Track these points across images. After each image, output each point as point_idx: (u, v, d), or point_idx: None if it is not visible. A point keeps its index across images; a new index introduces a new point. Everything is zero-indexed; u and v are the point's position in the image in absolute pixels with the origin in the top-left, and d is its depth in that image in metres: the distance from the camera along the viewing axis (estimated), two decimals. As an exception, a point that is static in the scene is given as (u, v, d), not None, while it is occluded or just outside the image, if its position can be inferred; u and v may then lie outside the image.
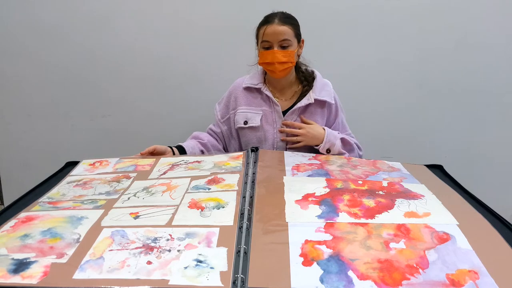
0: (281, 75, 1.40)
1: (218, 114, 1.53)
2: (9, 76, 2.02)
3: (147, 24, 1.95)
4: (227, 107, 1.52)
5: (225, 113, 1.52)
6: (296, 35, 1.37)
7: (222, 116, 1.52)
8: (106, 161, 1.31)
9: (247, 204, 0.94)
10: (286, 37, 1.33)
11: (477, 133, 2.07)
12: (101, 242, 0.80)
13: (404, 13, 1.92)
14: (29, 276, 0.70)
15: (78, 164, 1.31)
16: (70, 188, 1.12)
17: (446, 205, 0.94)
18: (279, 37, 1.33)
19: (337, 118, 1.48)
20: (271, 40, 1.34)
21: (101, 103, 2.06)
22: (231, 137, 1.54)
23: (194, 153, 1.44)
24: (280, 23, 1.34)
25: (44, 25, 1.95)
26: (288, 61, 1.35)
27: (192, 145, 1.45)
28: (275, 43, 1.34)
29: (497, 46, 1.94)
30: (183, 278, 0.69)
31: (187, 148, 1.42)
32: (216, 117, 1.54)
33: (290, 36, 1.34)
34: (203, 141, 1.48)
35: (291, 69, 1.42)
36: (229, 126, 1.52)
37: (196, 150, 1.45)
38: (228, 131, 1.53)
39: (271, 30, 1.33)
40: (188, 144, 1.44)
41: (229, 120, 1.51)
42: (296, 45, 1.38)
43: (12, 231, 0.86)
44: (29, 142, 2.11)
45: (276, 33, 1.33)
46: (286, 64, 1.36)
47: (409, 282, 0.68)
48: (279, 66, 1.35)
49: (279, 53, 1.34)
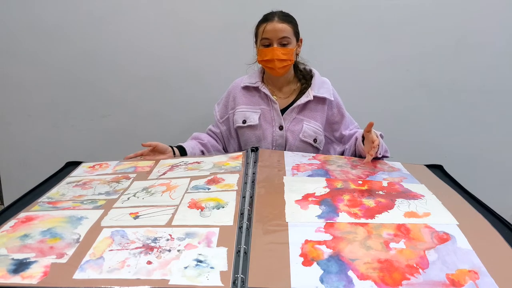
0: (280, 73, 1.40)
1: (217, 114, 1.54)
2: (9, 76, 2.02)
3: (147, 24, 1.95)
4: (225, 107, 1.52)
5: (224, 113, 1.52)
6: (295, 34, 1.38)
7: (221, 117, 1.53)
8: (106, 164, 1.31)
9: (247, 204, 0.94)
10: (285, 35, 1.34)
11: (477, 133, 2.07)
12: (101, 242, 0.80)
13: (404, 13, 1.92)
14: (29, 276, 0.70)
15: (78, 167, 1.31)
16: (70, 188, 1.12)
17: (446, 205, 0.94)
18: (278, 34, 1.34)
19: (344, 118, 1.46)
20: (271, 37, 1.35)
21: (101, 103, 2.06)
22: (230, 137, 1.54)
23: (194, 153, 1.44)
24: (279, 21, 1.35)
25: (44, 25, 1.95)
26: (287, 58, 1.36)
27: (193, 145, 1.45)
28: (275, 40, 1.35)
29: (497, 46, 1.94)
30: (183, 278, 0.69)
31: (188, 148, 1.42)
32: (215, 118, 1.54)
33: (289, 34, 1.35)
34: (203, 141, 1.49)
35: (290, 67, 1.42)
36: (228, 126, 1.52)
37: (196, 151, 1.45)
38: (227, 131, 1.53)
39: (271, 27, 1.34)
40: (188, 144, 1.45)
41: (228, 120, 1.52)
42: (295, 43, 1.39)
43: (12, 231, 0.86)
44: (29, 142, 2.11)
45: (276, 30, 1.34)
46: (286, 61, 1.36)
47: (409, 282, 0.68)
48: (278, 63, 1.36)
49: (279, 50, 1.34)
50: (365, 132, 1.24)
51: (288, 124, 1.43)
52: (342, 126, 1.46)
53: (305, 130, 1.41)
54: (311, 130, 1.42)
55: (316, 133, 1.43)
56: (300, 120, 1.43)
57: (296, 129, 1.42)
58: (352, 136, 1.43)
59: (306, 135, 1.41)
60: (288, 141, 1.43)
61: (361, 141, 1.30)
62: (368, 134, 1.23)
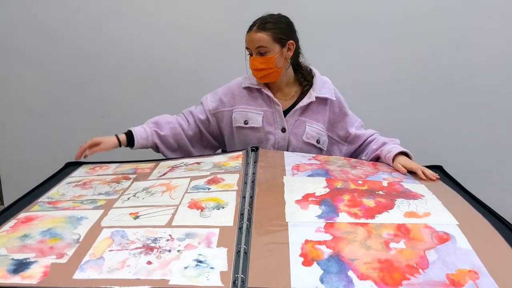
0: (263, 81, 1.41)
1: (210, 104, 1.46)
2: (9, 76, 2.02)
3: (147, 25, 1.95)
4: (222, 102, 1.46)
5: (218, 106, 1.46)
6: (276, 39, 1.34)
7: (214, 108, 1.46)
8: (107, 166, 1.31)
9: (247, 204, 0.94)
10: (261, 44, 1.33)
11: (477, 133, 2.07)
12: (101, 242, 0.80)
13: (404, 13, 1.91)
14: (29, 276, 0.70)
15: (78, 168, 1.30)
16: (70, 188, 1.12)
17: (446, 205, 0.94)
18: (254, 44, 1.34)
19: (347, 117, 1.44)
20: (250, 48, 1.36)
21: (101, 103, 2.06)
22: (219, 131, 1.49)
23: (145, 145, 1.37)
24: (257, 30, 1.33)
25: (44, 25, 1.95)
26: (266, 67, 1.35)
27: (146, 135, 1.37)
28: (253, 50, 1.36)
29: (497, 46, 1.94)
30: (183, 278, 0.69)
31: (137, 136, 1.34)
32: (206, 107, 1.47)
33: (266, 42, 1.33)
34: (162, 133, 1.40)
35: (276, 74, 1.38)
36: (218, 120, 1.47)
37: (148, 142, 1.37)
38: (216, 125, 1.47)
39: (249, 38, 1.36)
40: (140, 131, 1.37)
41: (221, 114, 1.46)
42: (277, 49, 1.35)
43: (12, 231, 0.86)
44: (29, 142, 2.11)
45: (253, 40, 1.34)
46: (266, 70, 1.36)
47: (409, 282, 0.68)
48: (257, 73, 1.37)
49: (256, 60, 1.35)
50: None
51: (291, 126, 1.42)
52: (347, 124, 1.44)
53: (308, 132, 1.40)
54: (313, 131, 1.41)
55: (319, 133, 1.42)
56: (303, 121, 1.42)
57: (299, 131, 1.41)
58: (366, 141, 1.42)
59: (309, 136, 1.41)
60: (291, 143, 1.42)
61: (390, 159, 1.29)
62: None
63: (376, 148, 1.37)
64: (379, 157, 1.34)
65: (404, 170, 1.20)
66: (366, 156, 1.40)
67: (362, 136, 1.43)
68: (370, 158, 1.38)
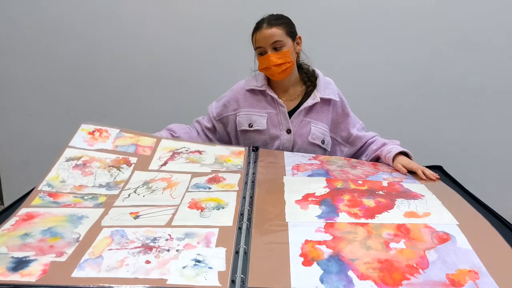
0: (281, 77, 1.39)
1: (214, 111, 1.48)
2: (9, 76, 2.02)
3: (148, 25, 1.95)
4: (225, 107, 1.48)
5: (222, 112, 1.48)
6: (289, 34, 1.36)
7: (218, 115, 1.47)
8: (106, 132, 1.29)
9: (247, 204, 0.94)
10: (276, 39, 1.33)
11: (477, 133, 2.07)
12: (101, 241, 0.80)
13: (404, 13, 1.92)
14: (28, 274, 0.70)
15: (78, 131, 1.28)
16: (70, 170, 1.11)
17: (446, 205, 0.94)
18: (269, 40, 1.33)
19: (349, 118, 1.44)
20: (263, 45, 1.34)
21: (101, 103, 2.06)
22: (226, 137, 1.51)
23: None
24: (268, 26, 1.33)
25: (44, 25, 1.95)
26: (284, 61, 1.35)
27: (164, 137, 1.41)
28: (268, 47, 1.34)
29: (497, 46, 1.94)
30: (181, 278, 0.69)
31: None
32: (211, 114, 1.49)
33: (280, 36, 1.33)
34: (176, 135, 1.44)
35: (291, 68, 1.40)
36: (223, 124, 1.49)
37: None
38: (224, 130, 1.50)
39: (261, 35, 1.34)
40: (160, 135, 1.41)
41: (226, 119, 1.48)
42: (290, 44, 1.36)
43: (13, 229, 0.86)
44: (29, 142, 2.11)
45: (266, 37, 1.33)
46: (284, 65, 1.35)
47: (409, 282, 0.68)
48: (276, 68, 1.35)
49: (273, 56, 1.33)
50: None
51: (296, 127, 1.41)
52: (349, 125, 1.44)
53: (313, 132, 1.40)
54: (318, 131, 1.41)
55: (323, 134, 1.42)
56: (307, 122, 1.41)
57: (304, 132, 1.41)
58: (367, 142, 1.42)
59: (315, 137, 1.40)
60: (296, 144, 1.41)
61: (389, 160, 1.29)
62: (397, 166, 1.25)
63: (376, 148, 1.37)
64: (379, 157, 1.34)
65: (404, 170, 1.20)
66: (366, 157, 1.40)
67: (363, 137, 1.43)
68: (370, 158, 1.38)
